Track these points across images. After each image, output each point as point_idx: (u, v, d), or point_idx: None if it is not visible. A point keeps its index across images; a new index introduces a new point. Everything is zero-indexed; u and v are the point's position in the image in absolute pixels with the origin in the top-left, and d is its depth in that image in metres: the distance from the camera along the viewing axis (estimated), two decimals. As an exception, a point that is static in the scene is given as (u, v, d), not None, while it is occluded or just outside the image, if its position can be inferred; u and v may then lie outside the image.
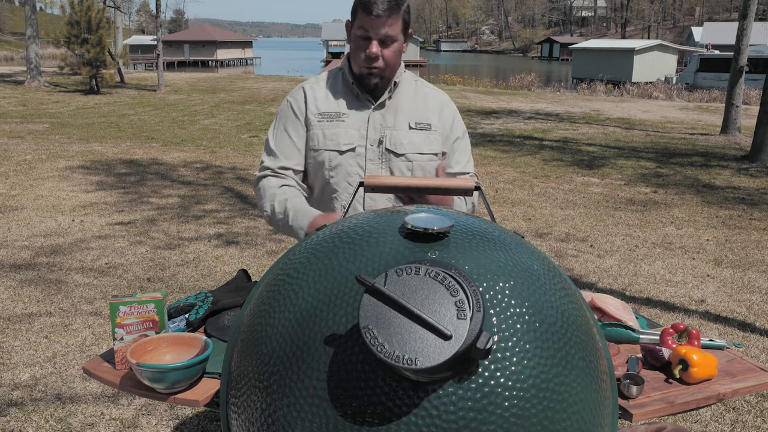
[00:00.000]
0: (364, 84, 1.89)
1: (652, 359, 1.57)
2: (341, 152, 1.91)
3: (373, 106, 1.93)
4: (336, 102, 1.94)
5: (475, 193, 1.96)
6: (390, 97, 1.93)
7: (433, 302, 0.80)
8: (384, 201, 1.97)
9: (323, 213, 1.82)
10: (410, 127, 1.93)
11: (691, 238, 6.01)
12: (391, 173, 1.92)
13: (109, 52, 19.85)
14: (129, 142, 10.91)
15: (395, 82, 1.93)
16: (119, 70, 22.77)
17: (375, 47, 1.80)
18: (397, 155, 1.92)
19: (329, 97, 1.95)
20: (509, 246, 0.99)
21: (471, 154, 2.07)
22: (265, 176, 1.96)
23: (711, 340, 1.71)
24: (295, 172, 1.97)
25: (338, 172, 1.92)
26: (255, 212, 6.63)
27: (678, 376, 1.51)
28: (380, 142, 1.92)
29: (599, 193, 7.82)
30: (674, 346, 1.64)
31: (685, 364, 1.50)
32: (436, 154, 1.97)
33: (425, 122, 1.95)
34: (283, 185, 1.92)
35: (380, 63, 1.83)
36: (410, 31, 1.89)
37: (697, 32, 50.99)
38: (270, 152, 1.96)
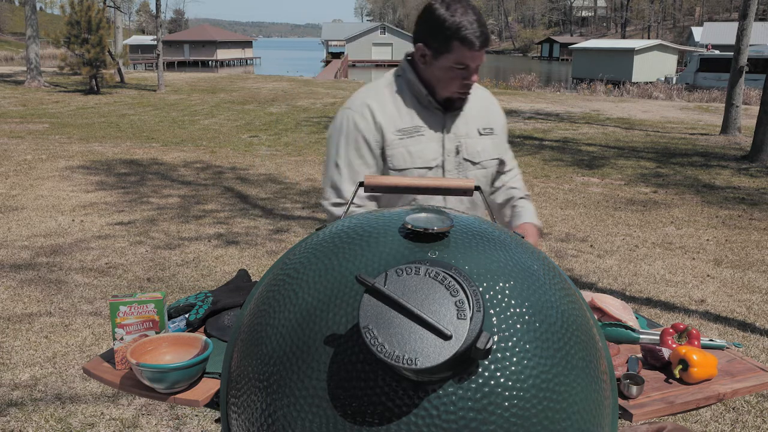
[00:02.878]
0: (451, 105, 1.84)
1: (652, 359, 1.57)
2: (430, 168, 1.84)
3: (446, 116, 1.87)
4: (409, 115, 1.84)
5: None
6: (461, 107, 1.88)
7: (433, 302, 0.80)
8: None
9: None
10: (480, 133, 1.91)
11: (691, 238, 6.01)
12: None
13: (109, 52, 19.85)
14: (129, 142, 10.92)
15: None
16: (119, 70, 22.77)
17: (475, 77, 1.80)
18: (474, 164, 1.89)
19: (401, 110, 1.84)
20: (509, 246, 0.99)
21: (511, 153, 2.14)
22: (339, 207, 1.85)
23: (711, 340, 1.71)
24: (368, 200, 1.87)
25: None
26: (255, 212, 6.63)
27: (678, 376, 1.51)
28: (457, 152, 1.88)
29: (599, 193, 7.82)
30: (674, 346, 1.64)
31: (685, 364, 1.50)
32: (501, 159, 2.00)
33: (489, 126, 1.94)
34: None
35: (471, 89, 1.85)
36: None
37: (697, 32, 51.00)
38: (342, 181, 1.83)
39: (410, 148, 1.82)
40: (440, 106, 1.85)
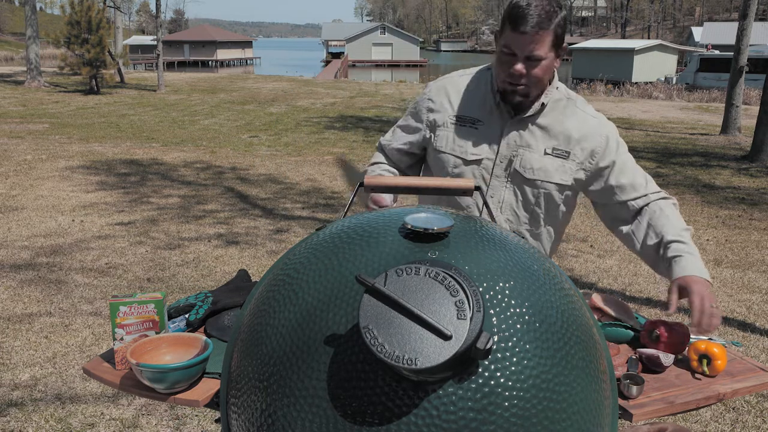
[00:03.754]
0: (506, 100, 1.75)
1: (652, 365, 1.57)
2: (467, 162, 1.80)
3: (511, 121, 1.78)
4: (475, 106, 1.81)
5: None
6: (534, 115, 1.77)
7: (433, 302, 0.80)
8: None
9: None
10: (545, 153, 1.77)
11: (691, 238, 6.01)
12: (515, 196, 1.80)
13: (109, 52, 19.85)
14: (129, 142, 10.92)
15: (543, 103, 1.76)
16: (119, 70, 22.77)
17: (520, 66, 1.65)
18: (525, 179, 1.78)
19: (469, 100, 1.82)
20: (509, 246, 0.99)
21: (637, 167, 1.83)
22: (380, 145, 2.03)
23: (710, 339, 1.71)
24: (395, 161, 1.98)
25: None
26: (255, 212, 6.63)
27: (706, 372, 1.53)
28: (510, 162, 1.78)
29: (599, 193, 7.82)
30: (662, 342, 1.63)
31: (708, 358, 1.53)
32: (567, 185, 1.80)
33: (564, 149, 1.78)
34: (374, 163, 1.98)
35: (524, 81, 1.68)
36: (564, 45, 1.72)
37: (697, 32, 51.00)
38: (392, 132, 1.99)
39: (457, 134, 1.81)
40: (513, 111, 1.78)
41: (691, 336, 1.73)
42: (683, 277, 1.64)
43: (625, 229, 1.83)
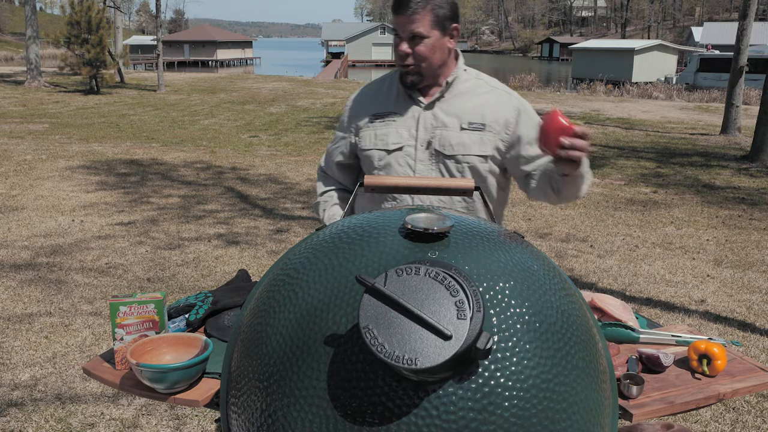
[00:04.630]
0: (403, 82, 1.87)
1: (652, 365, 1.57)
2: (389, 151, 1.90)
3: (423, 106, 1.89)
4: (388, 102, 1.94)
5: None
6: (442, 96, 1.88)
7: (433, 302, 0.80)
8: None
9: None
10: (462, 128, 1.87)
11: (691, 238, 6.01)
12: (442, 175, 1.89)
13: (109, 52, 19.86)
14: (129, 142, 10.92)
15: (448, 81, 1.87)
16: (119, 70, 22.78)
17: (405, 45, 1.79)
18: (447, 156, 1.87)
19: (381, 97, 1.95)
20: (509, 246, 0.99)
21: None
22: (320, 169, 2.15)
23: (710, 339, 1.71)
24: (338, 179, 2.11)
25: (388, 172, 1.91)
26: (255, 212, 6.64)
27: (706, 372, 1.54)
28: (429, 143, 1.87)
29: (599, 193, 7.82)
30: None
31: (708, 358, 1.53)
32: (488, 156, 1.88)
33: (479, 122, 1.88)
34: (325, 192, 2.10)
35: (410, 60, 1.81)
36: (454, 25, 1.83)
37: (697, 32, 50.99)
38: (325, 153, 2.12)
39: (377, 131, 1.92)
40: (423, 98, 1.89)
41: (686, 335, 1.73)
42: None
43: (543, 190, 1.89)
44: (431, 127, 1.88)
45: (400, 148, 1.89)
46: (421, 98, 1.89)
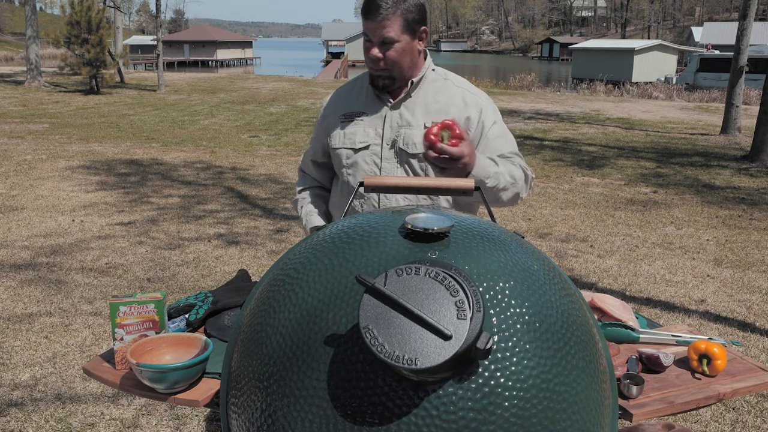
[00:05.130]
0: (375, 85, 1.91)
1: (652, 365, 1.57)
2: (356, 150, 1.94)
3: (389, 105, 1.92)
4: (358, 102, 1.98)
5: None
6: (409, 96, 1.91)
7: (433, 302, 0.80)
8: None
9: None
10: (425, 126, 1.90)
11: (691, 238, 6.01)
12: (406, 173, 1.93)
13: (109, 52, 19.86)
14: (129, 142, 10.92)
15: (412, 81, 1.90)
16: (119, 70, 22.78)
17: (375, 50, 1.82)
18: (410, 155, 1.90)
19: (352, 98, 2.00)
20: (509, 246, 0.99)
21: (510, 139, 1.97)
22: (300, 169, 2.21)
23: (710, 339, 1.71)
24: (314, 177, 2.16)
25: (355, 170, 1.95)
26: (255, 212, 6.64)
27: (706, 372, 1.54)
28: (394, 142, 1.91)
29: (599, 193, 7.82)
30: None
31: (708, 358, 1.53)
32: None
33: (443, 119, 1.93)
34: (302, 189, 2.15)
35: (382, 65, 1.84)
36: (423, 28, 1.86)
37: (697, 32, 50.99)
38: (304, 154, 2.16)
39: (346, 129, 1.96)
40: (391, 98, 1.92)
41: (686, 334, 1.73)
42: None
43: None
44: (396, 126, 1.91)
45: (366, 147, 1.93)
46: (389, 98, 1.93)
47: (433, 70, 1.97)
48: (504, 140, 1.94)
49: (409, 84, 1.91)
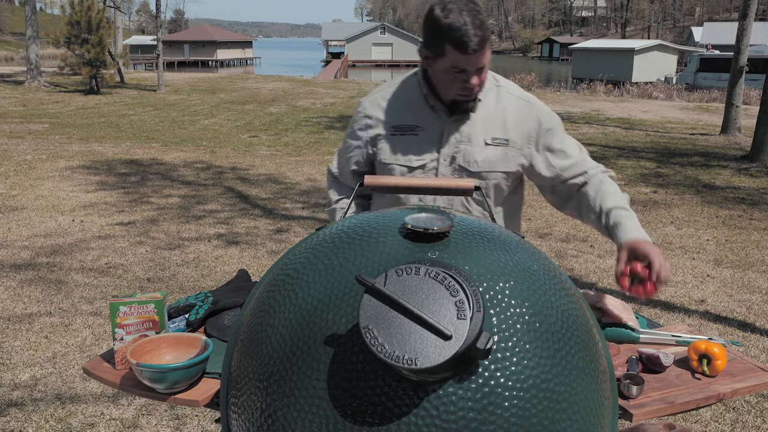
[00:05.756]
0: (457, 108, 1.79)
1: (652, 365, 1.57)
2: (411, 168, 1.84)
3: (448, 120, 1.81)
4: (409, 114, 1.85)
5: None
6: (470, 110, 1.81)
7: (433, 302, 0.80)
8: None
9: None
10: (486, 143, 1.81)
11: (691, 238, 6.01)
12: None
13: (109, 52, 19.86)
14: (129, 142, 10.92)
15: (479, 99, 1.81)
16: (119, 70, 22.78)
17: (476, 80, 1.71)
18: (471, 173, 1.82)
19: (403, 108, 1.86)
20: (509, 246, 0.99)
21: (573, 142, 1.89)
22: (331, 175, 2.07)
23: (710, 339, 1.71)
24: (352, 186, 2.04)
25: None
26: (255, 212, 6.64)
27: (706, 372, 1.54)
28: (453, 159, 1.81)
29: (599, 193, 7.81)
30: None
31: (708, 358, 1.53)
32: (513, 172, 1.85)
33: (503, 137, 1.82)
34: (340, 199, 2.04)
35: (477, 90, 1.75)
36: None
37: (697, 32, 51.00)
38: (337, 158, 2.03)
39: (398, 144, 1.85)
40: (446, 108, 1.81)
41: (686, 334, 1.73)
42: (630, 241, 1.71)
43: (570, 205, 1.90)
44: (455, 141, 1.81)
45: (423, 166, 1.83)
46: (444, 110, 1.82)
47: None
48: (570, 142, 1.89)
49: (476, 100, 1.81)
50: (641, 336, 1.72)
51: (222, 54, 62.70)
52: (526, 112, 1.85)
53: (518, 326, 0.87)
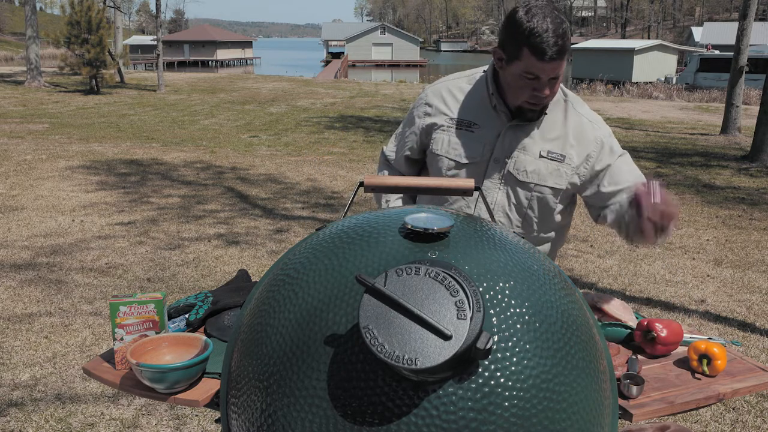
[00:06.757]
0: (521, 114, 1.77)
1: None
2: (460, 164, 1.82)
3: (509, 123, 1.79)
4: (472, 110, 1.83)
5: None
6: (532, 119, 1.78)
7: (433, 302, 0.80)
8: None
9: None
10: (540, 155, 1.78)
11: (691, 238, 6.01)
12: (508, 198, 1.82)
13: (109, 52, 19.86)
14: (129, 142, 10.92)
15: (545, 112, 1.79)
16: (119, 70, 22.78)
17: (548, 90, 1.69)
18: (519, 182, 1.79)
19: (466, 103, 1.84)
20: (509, 246, 0.99)
21: (631, 169, 1.83)
22: (384, 157, 2.06)
23: (710, 339, 1.71)
24: (403, 172, 2.03)
25: None
26: (255, 212, 6.63)
27: (706, 372, 1.54)
28: (504, 163, 1.79)
29: (599, 193, 7.82)
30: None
31: (708, 358, 1.53)
32: (562, 189, 1.81)
33: (559, 152, 1.79)
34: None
35: (546, 100, 1.73)
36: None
37: (697, 32, 50.98)
38: (393, 141, 2.02)
39: (453, 138, 1.83)
40: (509, 111, 1.79)
41: (686, 334, 1.73)
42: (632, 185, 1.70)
43: (614, 226, 1.85)
44: (510, 147, 1.79)
45: (473, 164, 1.81)
46: (507, 112, 1.79)
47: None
48: (627, 169, 1.82)
49: (542, 112, 1.78)
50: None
51: (222, 54, 62.70)
52: (589, 132, 1.82)
53: (518, 326, 0.87)
